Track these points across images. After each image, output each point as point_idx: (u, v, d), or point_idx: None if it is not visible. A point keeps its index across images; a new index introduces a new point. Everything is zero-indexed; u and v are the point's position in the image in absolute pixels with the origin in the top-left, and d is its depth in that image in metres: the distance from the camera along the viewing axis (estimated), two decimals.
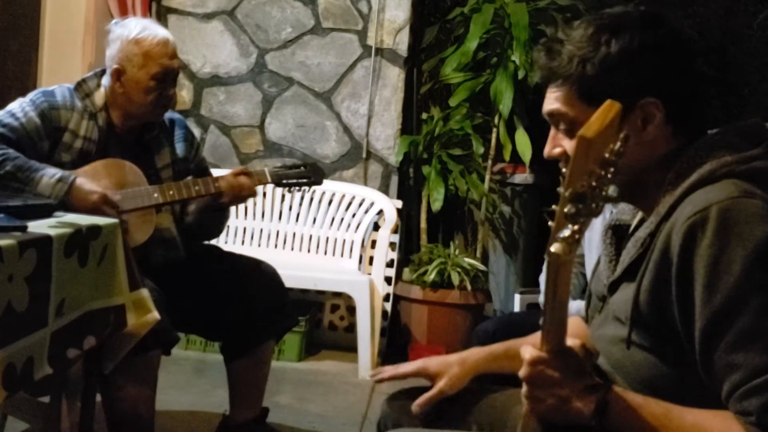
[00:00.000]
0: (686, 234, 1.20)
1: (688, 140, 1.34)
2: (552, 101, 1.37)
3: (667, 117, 1.32)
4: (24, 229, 1.73)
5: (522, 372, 1.23)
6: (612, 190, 1.04)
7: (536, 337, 1.24)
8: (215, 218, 2.74)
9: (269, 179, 2.69)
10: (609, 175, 1.04)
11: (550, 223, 1.05)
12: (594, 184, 1.03)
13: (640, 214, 1.44)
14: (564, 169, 1.04)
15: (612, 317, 1.37)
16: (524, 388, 1.23)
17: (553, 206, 1.04)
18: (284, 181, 2.73)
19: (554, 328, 1.17)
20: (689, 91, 1.35)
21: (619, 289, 1.37)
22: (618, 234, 1.47)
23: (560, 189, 1.05)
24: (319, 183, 2.79)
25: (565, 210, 1.02)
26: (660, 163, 1.34)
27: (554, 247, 1.03)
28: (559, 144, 1.39)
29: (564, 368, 1.21)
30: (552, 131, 1.41)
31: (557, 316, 1.15)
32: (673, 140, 1.34)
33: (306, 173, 2.75)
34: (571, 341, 1.25)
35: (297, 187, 2.75)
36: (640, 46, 1.31)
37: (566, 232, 1.02)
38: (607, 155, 1.04)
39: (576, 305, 2.15)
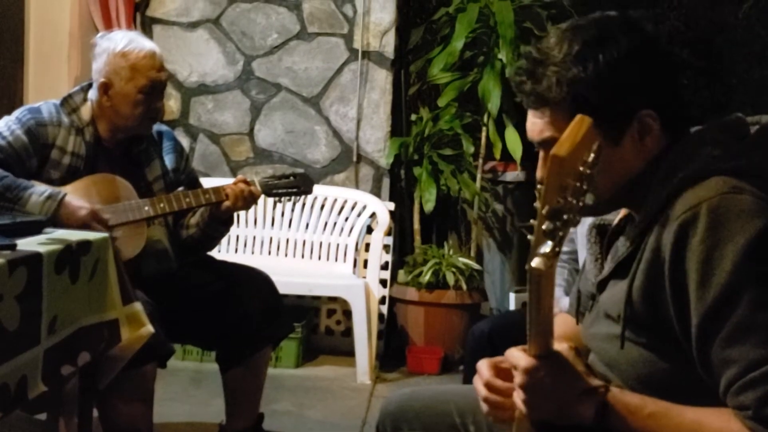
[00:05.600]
0: (677, 232, 1.21)
1: (675, 138, 1.34)
2: (542, 128, 1.33)
3: (662, 126, 1.31)
4: (13, 247, 1.73)
5: (518, 380, 1.23)
6: (588, 198, 1.05)
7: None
8: (219, 230, 2.74)
9: (259, 189, 2.69)
10: (584, 186, 1.05)
11: (529, 237, 1.06)
12: (569, 198, 1.04)
13: (622, 212, 1.44)
14: (539, 185, 1.05)
15: (603, 315, 1.37)
16: (521, 395, 1.23)
17: (531, 221, 1.05)
18: (274, 191, 2.73)
19: (541, 335, 1.18)
20: (674, 91, 1.34)
21: (608, 287, 1.37)
22: (601, 232, 1.48)
23: (537, 204, 1.05)
24: (309, 192, 2.79)
25: (543, 227, 1.03)
26: (647, 163, 1.33)
27: (535, 263, 1.04)
28: None
29: (559, 374, 1.21)
30: (542, 153, 1.37)
31: (543, 322, 1.16)
32: (662, 140, 1.34)
33: (295, 183, 2.76)
34: (559, 345, 1.25)
35: (287, 197, 2.76)
36: (626, 57, 1.27)
37: (546, 248, 1.04)
38: (581, 168, 1.05)
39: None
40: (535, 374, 1.21)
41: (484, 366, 1.37)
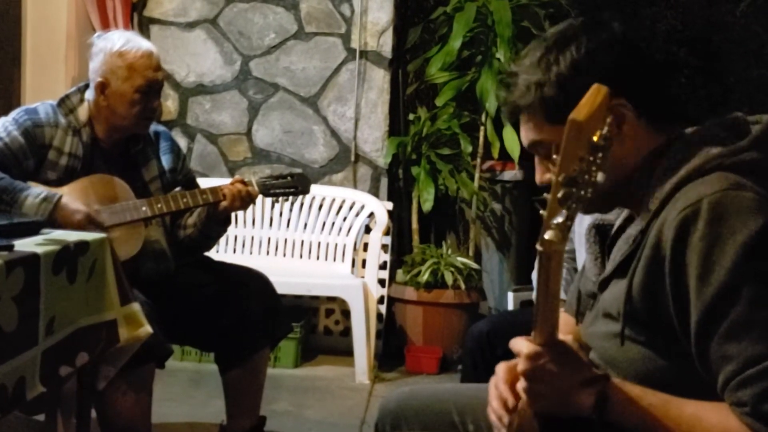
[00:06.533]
0: (678, 228, 1.21)
1: (667, 136, 1.35)
2: (526, 132, 1.40)
3: (637, 113, 1.33)
4: (11, 248, 1.72)
5: (520, 367, 1.23)
6: (600, 176, 1.05)
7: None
8: (217, 230, 2.74)
9: (257, 190, 2.69)
10: (598, 161, 1.05)
11: (542, 211, 1.06)
12: (584, 169, 1.03)
13: (624, 213, 1.44)
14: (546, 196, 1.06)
15: (602, 314, 1.37)
16: (522, 384, 1.24)
17: (545, 195, 1.05)
18: (271, 191, 2.73)
19: (547, 320, 1.18)
20: (651, 83, 1.36)
21: (610, 286, 1.38)
22: (601, 232, 1.48)
23: (551, 176, 1.06)
24: (306, 192, 2.79)
25: (558, 195, 1.03)
26: (645, 161, 1.34)
27: (548, 234, 1.04)
28: (548, 169, 1.40)
29: (562, 361, 1.21)
30: (537, 158, 1.43)
31: (549, 307, 1.16)
32: (654, 137, 1.35)
33: (292, 183, 2.76)
34: (563, 336, 1.25)
35: (284, 197, 2.76)
36: (587, 53, 1.32)
37: (559, 219, 1.04)
38: (595, 139, 1.05)
39: None
40: (537, 360, 1.21)
41: (499, 367, 1.38)
